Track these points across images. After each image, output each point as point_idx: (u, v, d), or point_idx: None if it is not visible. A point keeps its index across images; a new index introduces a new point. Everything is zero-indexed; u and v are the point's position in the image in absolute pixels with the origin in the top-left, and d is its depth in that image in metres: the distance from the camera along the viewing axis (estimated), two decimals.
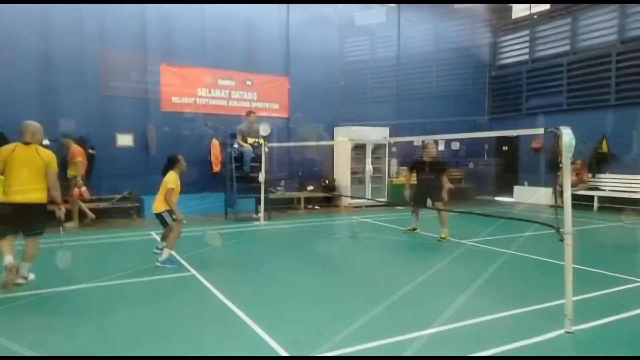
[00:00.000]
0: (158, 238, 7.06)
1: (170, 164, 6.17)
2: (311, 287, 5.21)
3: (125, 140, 10.75)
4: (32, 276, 5.01)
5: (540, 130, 5.66)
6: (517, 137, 14.87)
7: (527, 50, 14.99)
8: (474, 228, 9.19)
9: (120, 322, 4.06)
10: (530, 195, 14.09)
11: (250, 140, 10.21)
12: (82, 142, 9.94)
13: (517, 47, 15.31)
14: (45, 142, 9.54)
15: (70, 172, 9.05)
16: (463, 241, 7.75)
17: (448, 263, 6.36)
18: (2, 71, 9.49)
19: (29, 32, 9.66)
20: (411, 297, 4.80)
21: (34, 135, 5.05)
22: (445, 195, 8.11)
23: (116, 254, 6.80)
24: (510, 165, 15.33)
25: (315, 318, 4.20)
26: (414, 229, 8.41)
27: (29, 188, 4.77)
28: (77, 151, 9.08)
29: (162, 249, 6.07)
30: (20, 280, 4.84)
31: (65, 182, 9.02)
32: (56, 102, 9.96)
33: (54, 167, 4.97)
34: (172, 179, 6.00)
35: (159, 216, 5.98)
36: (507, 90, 15.52)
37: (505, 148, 15.68)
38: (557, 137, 3.92)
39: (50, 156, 5.01)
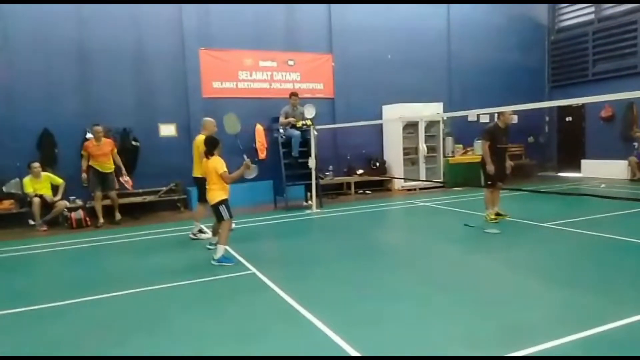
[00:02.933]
0: (209, 232, 6.61)
1: (213, 146, 5.62)
2: (382, 282, 4.55)
3: (168, 130, 10.37)
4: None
5: (614, 97, 4.79)
6: (583, 106, 13.59)
7: (592, 9, 13.55)
8: (543, 208, 8.30)
9: (180, 331, 3.55)
10: (599, 169, 12.86)
11: (298, 123, 9.60)
12: (125, 134, 9.67)
13: (580, 6, 13.87)
14: (89, 135, 9.39)
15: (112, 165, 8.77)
16: (544, 224, 6.87)
17: (545, 250, 5.58)
18: (41, 66, 9.23)
19: (64, 24, 9.34)
20: (504, 295, 4.07)
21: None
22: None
23: (166, 252, 6.36)
24: (576, 138, 14.05)
25: (393, 319, 3.55)
26: (500, 214, 7.27)
27: None
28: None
29: (216, 245, 5.61)
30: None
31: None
32: (95, 95, 9.65)
33: None
34: (220, 162, 5.46)
35: (216, 209, 5.45)
36: (570, 55, 14.13)
37: (569, 119, 14.39)
38: (631, 105, 3.03)
39: None
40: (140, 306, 4.19)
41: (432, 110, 11.80)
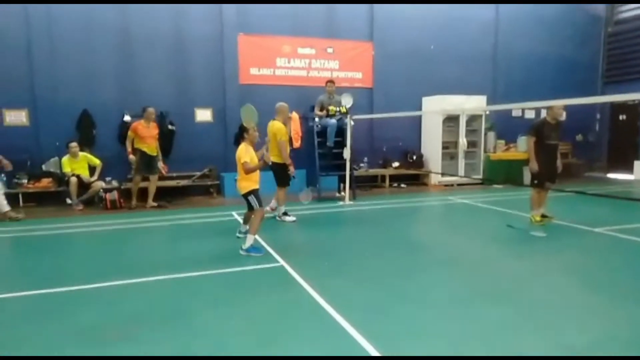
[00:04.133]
0: (240, 219, 6.48)
1: (239, 134, 5.59)
2: (418, 285, 4.27)
3: (204, 115, 10.33)
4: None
5: None
6: (639, 104, 12.70)
7: None
8: (594, 212, 7.75)
9: (201, 326, 3.41)
10: None
11: (332, 110, 9.35)
12: (162, 118, 9.68)
13: None
14: (127, 118, 9.44)
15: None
16: (595, 229, 6.38)
17: (599, 259, 5.16)
18: (83, 49, 9.32)
19: (106, 9, 9.36)
20: (558, 310, 3.73)
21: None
22: (560, 166, 6.85)
23: (195, 239, 6.28)
24: (629, 138, 13.17)
25: (429, 328, 3.28)
26: (545, 216, 6.87)
27: None
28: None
29: (245, 233, 5.47)
30: None
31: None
32: (133, 78, 9.68)
33: None
34: (243, 151, 5.33)
35: (245, 199, 5.33)
36: (628, 49, 13.19)
37: (622, 117, 13.50)
38: None
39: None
40: (164, 296, 4.09)
41: (474, 103, 11.29)
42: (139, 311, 3.70)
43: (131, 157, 8.52)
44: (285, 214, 7.34)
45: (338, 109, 9.41)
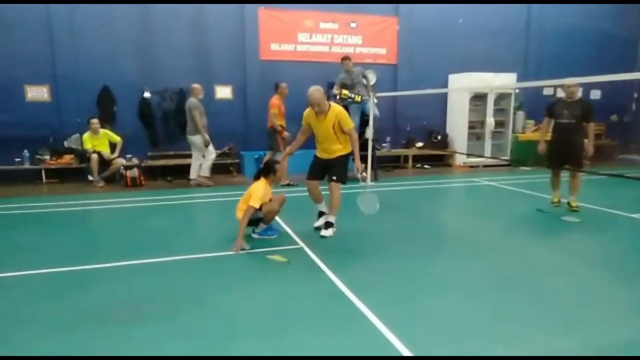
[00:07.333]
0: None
1: (266, 170, 4.97)
2: (449, 273, 4.07)
3: (224, 92, 10.16)
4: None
5: None
6: None
7: None
8: (629, 196, 7.35)
9: (213, 312, 3.28)
10: None
11: (357, 97, 8.89)
12: (181, 95, 9.55)
13: None
14: (147, 94, 9.36)
15: None
16: (634, 215, 6.02)
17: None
18: (104, 26, 9.19)
19: None
20: (598, 307, 3.48)
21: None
22: (590, 150, 6.18)
23: (214, 217, 6.19)
24: None
25: (456, 318, 3.08)
26: (556, 202, 6.59)
27: None
28: None
29: (259, 233, 5.09)
30: None
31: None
32: (154, 55, 9.54)
33: None
34: (259, 192, 4.68)
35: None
36: None
37: None
38: None
39: None
40: (179, 277, 3.98)
41: (503, 81, 10.80)
42: (153, 291, 3.61)
43: (286, 133, 8.32)
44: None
45: (352, 95, 8.89)
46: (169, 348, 2.76)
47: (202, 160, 8.56)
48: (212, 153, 8.56)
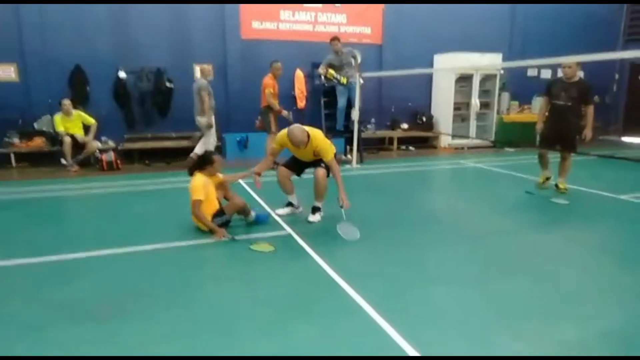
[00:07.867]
0: (245, 186, 6.11)
1: (199, 163, 4.58)
2: (445, 261, 3.95)
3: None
4: None
5: None
6: None
7: None
8: (617, 177, 7.38)
9: (198, 302, 3.09)
10: None
11: (343, 79, 8.67)
12: (159, 74, 9.15)
13: None
14: (122, 74, 8.93)
15: None
16: (621, 196, 6.01)
17: (631, 231, 4.82)
18: (74, 6, 8.65)
19: None
20: (592, 290, 3.40)
21: None
22: (589, 134, 6.04)
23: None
24: None
25: (458, 307, 2.97)
26: (548, 179, 6.55)
27: None
28: None
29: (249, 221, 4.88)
30: None
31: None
32: (129, 33, 9.06)
33: None
34: (197, 185, 4.38)
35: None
36: None
37: None
38: None
39: None
40: (163, 266, 3.76)
41: (488, 61, 10.66)
42: (135, 284, 3.39)
43: (284, 112, 8.23)
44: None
45: (337, 77, 8.67)
46: (154, 348, 2.56)
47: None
48: (212, 137, 8.18)
